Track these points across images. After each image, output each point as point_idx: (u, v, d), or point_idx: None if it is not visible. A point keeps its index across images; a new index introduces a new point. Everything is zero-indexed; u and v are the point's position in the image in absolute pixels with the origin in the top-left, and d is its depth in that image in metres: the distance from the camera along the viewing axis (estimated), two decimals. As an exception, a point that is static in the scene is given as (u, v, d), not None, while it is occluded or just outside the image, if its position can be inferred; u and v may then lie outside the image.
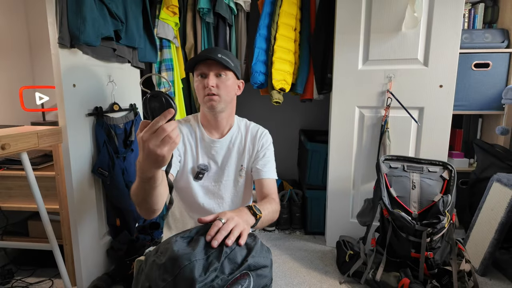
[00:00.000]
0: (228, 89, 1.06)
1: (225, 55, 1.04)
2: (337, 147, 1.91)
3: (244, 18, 2.08)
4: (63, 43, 1.31)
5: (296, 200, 2.26)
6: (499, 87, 2.01)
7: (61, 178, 1.47)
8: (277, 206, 1.05)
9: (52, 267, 1.70)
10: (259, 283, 0.74)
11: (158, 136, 0.64)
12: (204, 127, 1.14)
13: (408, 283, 1.39)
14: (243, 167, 1.15)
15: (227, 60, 1.03)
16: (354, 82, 1.82)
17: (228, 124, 1.15)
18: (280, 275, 1.69)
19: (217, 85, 1.03)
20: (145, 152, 0.65)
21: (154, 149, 0.64)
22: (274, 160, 1.19)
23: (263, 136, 1.18)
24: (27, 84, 2.01)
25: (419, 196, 1.52)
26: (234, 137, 1.16)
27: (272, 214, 1.00)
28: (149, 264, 0.76)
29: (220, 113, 1.09)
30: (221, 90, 1.04)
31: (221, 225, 0.76)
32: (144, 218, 1.81)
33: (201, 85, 1.05)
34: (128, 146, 1.69)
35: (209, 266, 0.69)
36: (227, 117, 1.13)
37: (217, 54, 1.02)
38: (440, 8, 1.66)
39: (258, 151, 1.15)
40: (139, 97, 1.94)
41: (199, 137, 1.13)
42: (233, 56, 1.09)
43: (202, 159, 1.13)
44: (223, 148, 1.14)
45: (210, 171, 1.14)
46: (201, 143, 1.13)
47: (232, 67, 1.04)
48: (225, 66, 1.02)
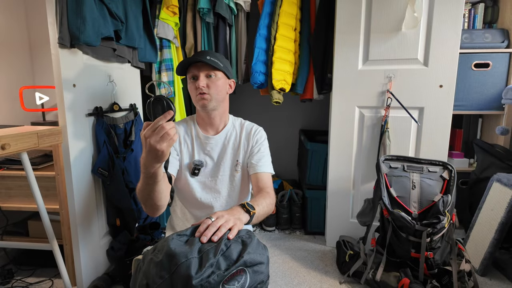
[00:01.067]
0: (219, 88, 1.12)
1: (214, 57, 1.11)
2: (337, 147, 1.91)
3: (244, 18, 2.08)
4: (63, 43, 1.31)
5: (296, 200, 2.26)
6: (499, 87, 2.01)
7: (61, 178, 1.47)
8: (271, 199, 1.08)
9: (52, 267, 1.71)
10: (256, 279, 0.75)
11: (158, 133, 0.74)
12: (199, 125, 1.20)
13: (408, 283, 1.39)
14: (239, 162, 1.19)
15: (216, 61, 1.10)
16: (354, 82, 1.82)
17: (223, 122, 1.21)
18: (280, 275, 1.69)
19: (208, 85, 1.10)
20: (147, 148, 0.76)
21: (154, 145, 0.74)
22: (270, 155, 1.22)
23: (257, 132, 1.22)
24: (27, 84, 2.01)
25: (419, 196, 1.52)
26: (229, 134, 1.21)
27: (267, 208, 1.03)
28: (146, 261, 0.78)
29: (213, 111, 1.15)
30: (212, 89, 1.10)
31: (210, 222, 0.80)
32: (144, 218, 1.81)
33: (193, 86, 1.12)
34: (128, 146, 1.69)
35: (205, 262, 0.71)
36: (220, 115, 1.18)
37: (205, 56, 1.09)
38: (440, 8, 1.66)
39: (253, 146, 1.19)
40: (139, 97, 1.94)
41: (195, 135, 1.19)
42: (222, 57, 1.15)
43: (198, 155, 1.18)
44: (218, 144, 1.19)
45: (206, 167, 1.19)
46: (196, 140, 1.19)
47: (221, 67, 1.11)
48: (214, 67, 1.09)
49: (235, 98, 2.70)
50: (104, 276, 1.60)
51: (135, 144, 1.72)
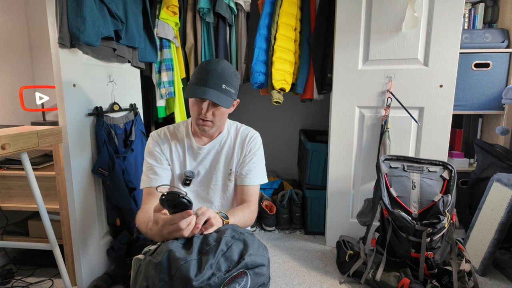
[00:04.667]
0: (223, 115, 1.09)
1: (228, 84, 1.02)
2: (337, 147, 1.91)
3: (244, 18, 2.08)
4: (63, 43, 1.31)
5: (296, 200, 2.26)
6: (499, 87, 2.01)
7: (61, 178, 1.47)
8: (250, 213, 1.08)
9: (52, 267, 1.71)
10: (257, 281, 0.75)
11: (173, 230, 0.79)
12: (194, 135, 1.17)
13: (408, 283, 1.39)
14: (232, 171, 1.17)
15: (229, 91, 1.03)
16: (354, 82, 1.82)
17: (218, 131, 1.17)
18: (280, 275, 1.69)
19: (213, 114, 1.05)
20: (159, 232, 0.82)
21: (167, 236, 0.81)
22: (264, 163, 1.20)
23: (252, 140, 1.18)
24: (27, 84, 2.01)
25: (419, 196, 1.52)
26: (223, 142, 1.17)
27: (243, 220, 1.03)
28: (145, 263, 0.77)
29: (211, 132, 1.12)
30: (216, 117, 1.06)
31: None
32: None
33: (196, 106, 1.06)
34: (128, 146, 1.69)
35: (204, 263, 0.70)
36: (217, 130, 1.16)
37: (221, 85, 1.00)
38: (440, 8, 1.66)
39: (246, 155, 1.16)
40: (139, 97, 1.94)
41: (187, 145, 1.16)
42: (235, 77, 1.07)
43: (190, 165, 1.15)
44: (210, 153, 1.16)
45: (198, 176, 1.16)
46: (189, 151, 1.16)
47: (232, 95, 1.05)
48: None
49: (235, 98, 2.70)
50: (104, 276, 1.59)
51: (135, 144, 1.72)
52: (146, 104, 2.23)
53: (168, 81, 2.01)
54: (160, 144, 1.15)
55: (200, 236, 0.81)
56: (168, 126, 1.22)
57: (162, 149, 1.14)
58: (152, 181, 1.08)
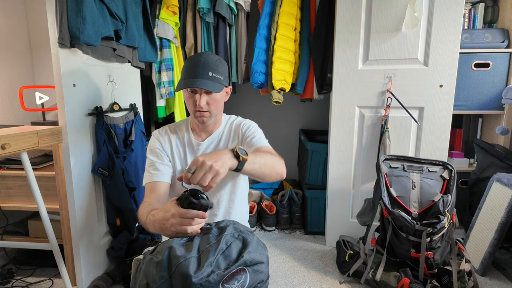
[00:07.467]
0: (218, 103, 1.11)
1: (214, 71, 1.05)
2: (337, 147, 1.91)
3: (244, 18, 2.08)
4: (63, 43, 1.31)
5: (296, 200, 2.26)
6: (499, 87, 2.01)
7: (61, 178, 1.47)
8: (277, 156, 1.03)
9: (52, 267, 1.71)
10: (256, 278, 0.76)
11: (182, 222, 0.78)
12: (193, 131, 1.19)
13: (408, 283, 1.39)
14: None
15: (217, 77, 1.05)
16: (354, 82, 1.82)
17: (217, 125, 1.20)
18: (280, 275, 1.69)
19: (207, 102, 1.07)
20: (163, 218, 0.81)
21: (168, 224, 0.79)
22: (264, 137, 1.19)
23: (244, 123, 1.20)
24: (27, 84, 2.01)
25: (419, 196, 1.52)
26: (221, 136, 1.20)
27: (269, 161, 0.97)
28: (146, 261, 0.78)
29: (209, 123, 1.13)
30: (211, 106, 1.08)
31: (189, 177, 0.78)
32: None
33: (191, 100, 1.08)
34: (128, 146, 1.69)
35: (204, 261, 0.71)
36: (215, 122, 1.18)
37: (207, 72, 1.03)
38: (440, 8, 1.66)
39: (243, 135, 1.17)
40: (139, 97, 1.94)
41: (187, 141, 1.18)
42: (220, 62, 1.09)
43: (190, 161, 1.16)
44: (209, 148, 1.18)
45: None
46: (188, 147, 1.18)
47: (222, 81, 1.07)
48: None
49: (235, 98, 2.70)
50: (104, 276, 1.60)
51: (135, 144, 1.72)
52: (146, 104, 2.24)
53: (168, 81, 2.01)
54: (161, 141, 1.17)
55: (200, 234, 0.81)
56: (170, 124, 1.24)
57: (163, 146, 1.16)
58: (153, 176, 1.09)
